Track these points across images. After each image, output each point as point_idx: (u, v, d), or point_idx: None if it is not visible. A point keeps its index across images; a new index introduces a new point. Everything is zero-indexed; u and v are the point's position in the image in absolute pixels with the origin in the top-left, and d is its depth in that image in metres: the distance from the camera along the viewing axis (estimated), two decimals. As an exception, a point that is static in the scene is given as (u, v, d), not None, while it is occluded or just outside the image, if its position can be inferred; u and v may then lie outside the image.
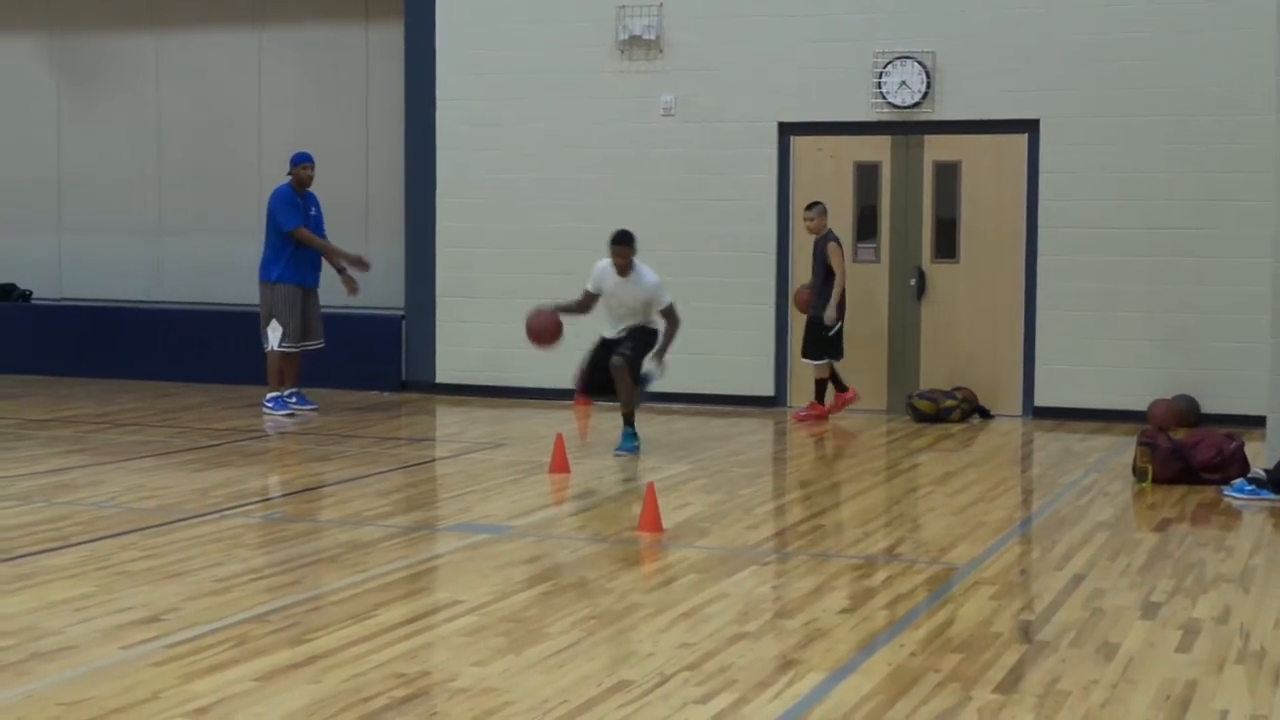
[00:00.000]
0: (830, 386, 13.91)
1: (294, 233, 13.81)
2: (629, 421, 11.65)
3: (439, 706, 5.54)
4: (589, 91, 15.05)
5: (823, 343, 13.67)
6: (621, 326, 11.87)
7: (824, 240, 13.63)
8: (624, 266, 11.75)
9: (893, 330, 14.44)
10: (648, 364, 11.80)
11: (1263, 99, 12.36)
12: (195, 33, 17.35)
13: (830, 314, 13.50)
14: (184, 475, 10.60)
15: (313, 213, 14.10)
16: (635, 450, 11.54)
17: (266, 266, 13.95)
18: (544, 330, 11.85)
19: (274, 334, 13.84)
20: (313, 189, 14.13)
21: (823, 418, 13.79)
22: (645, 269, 11.83)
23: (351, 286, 14.17)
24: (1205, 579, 7.71)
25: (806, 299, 13.83)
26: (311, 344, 14.07)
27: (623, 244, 11.77)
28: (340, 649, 6.20)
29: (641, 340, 11.79)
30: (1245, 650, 6.38)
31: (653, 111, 14.87)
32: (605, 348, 11.85)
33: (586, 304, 12.08)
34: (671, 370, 12.14)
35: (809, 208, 13.79)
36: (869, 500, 10.18)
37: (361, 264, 14.24)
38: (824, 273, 13.61)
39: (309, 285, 14.00)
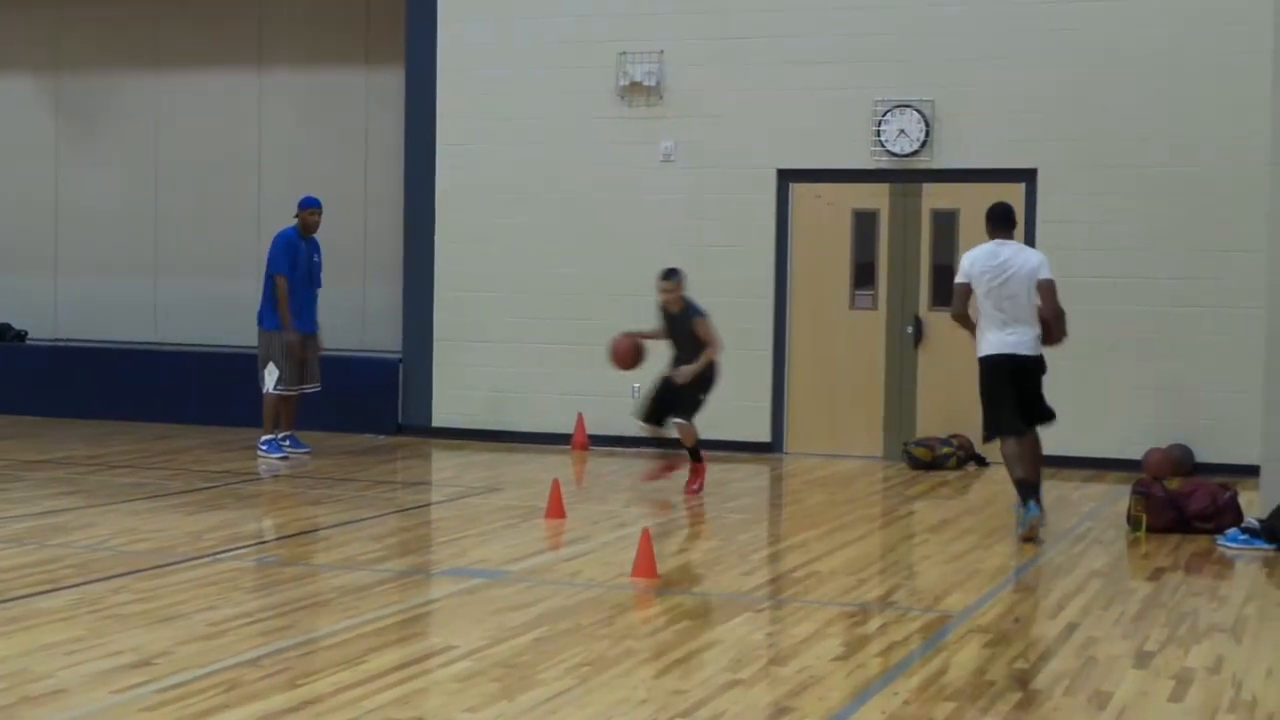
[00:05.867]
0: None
1: (275, 276, 13.81)
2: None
3: (430, 752, 5.52)
4: (589, 137, 15.10)
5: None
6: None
7: (687, 314, 12.06)
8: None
9: (889, 377, 14.44)
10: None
11: (1258, 151, 12.39)
12: (195, 75, 17.41)
13: (687, 376, 11.96)
14: (178, 518, 10.58)
15: (315, 259, 14.11)
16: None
17: (263, 313, 13.94)
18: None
19: (270, 377, 13.84)
20: (315, 235, 14.14)
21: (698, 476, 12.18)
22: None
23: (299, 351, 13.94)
24: (1198, 628, 7.71)
25: (636, 351, 12.18)
26: (309, 387, 14.06)
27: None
28: (333, 694, 6.19)
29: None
30: (1237, 700, 6.37)
31: (652, 157, 14.91)
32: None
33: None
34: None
35: (668, 276, 12.12)
36: (864, 547, 10.16)
37: (303, 349, 13.90)
38: (693, 346, 12.04)
39: (306, 329, 14.01)
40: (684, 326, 12.07)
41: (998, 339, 10.40)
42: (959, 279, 10.59)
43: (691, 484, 12.08)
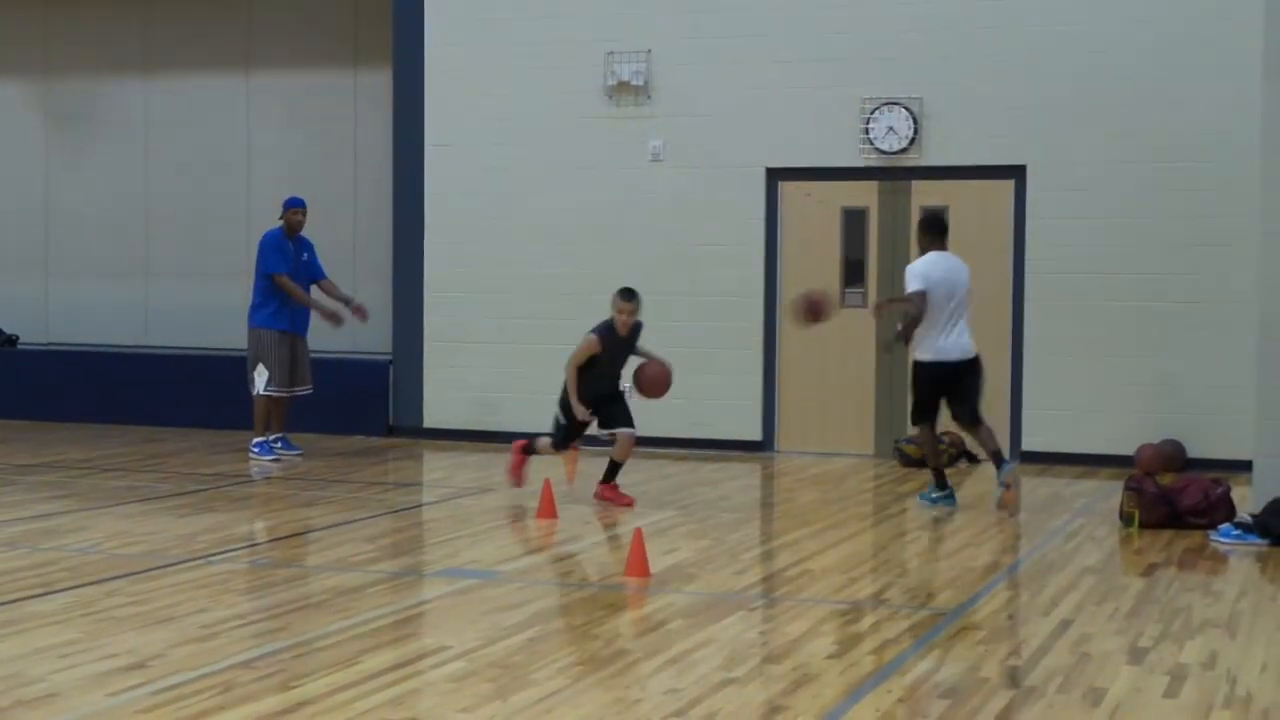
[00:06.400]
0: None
1: (275, 278, 13.80)
2: None
3: (425, 753, 5.52)
4: (577, 137, 15.10)
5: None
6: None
7: (634, 335, 11.47)
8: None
9: (880, 375, 14.45)
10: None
11: (1247, 146, 12.43)
12: (184, 78, 17.38)
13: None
14: (170, 521, 10.57)
15: (304, 258, 14.09)
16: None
17: (253, 311, 13.94)
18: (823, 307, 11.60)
19: (260, 378, 13.82)
20: (303, 233, 14.14)
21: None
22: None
23: (344, 319, 14.15)
24: (1192, 624, 7.71)
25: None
26: (300, 390, 14.05)
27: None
28: (326, 695, 6.18)
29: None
30: (1232, 696, 6.38)
31: (641, 156, 14.91)
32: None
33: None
34: (658, 414, 12.02)
35: (631, 297, 11.31)
36: (856, 545, 10.17)
37: (344, 313, 14.15)
38: (620, 369, 11.60)
39: (297, 331, 14.00)
40: (626, 350, 11.45)
41: (942, 344, 11.33)
42: (919, 285, 11.25)
43: (618, 495, 11.46)
